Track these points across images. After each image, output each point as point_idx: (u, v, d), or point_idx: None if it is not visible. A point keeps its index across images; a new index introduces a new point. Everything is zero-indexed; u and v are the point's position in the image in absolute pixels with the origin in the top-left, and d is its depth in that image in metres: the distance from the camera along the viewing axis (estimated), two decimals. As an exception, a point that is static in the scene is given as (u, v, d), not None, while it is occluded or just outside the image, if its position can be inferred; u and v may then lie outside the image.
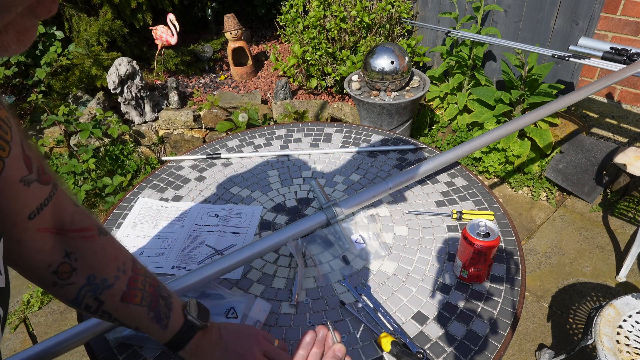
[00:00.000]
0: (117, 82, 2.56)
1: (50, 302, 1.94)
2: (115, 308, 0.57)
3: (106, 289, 0.56)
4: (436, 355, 0.70)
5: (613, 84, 1.68)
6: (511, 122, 1.14)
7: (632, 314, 1.20)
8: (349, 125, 1.35)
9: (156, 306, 0.60)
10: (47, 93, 2.88)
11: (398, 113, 2.31)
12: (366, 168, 1.16)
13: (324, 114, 2.76)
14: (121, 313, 0.58)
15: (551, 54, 1.87)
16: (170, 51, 3.12)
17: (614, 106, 2.43)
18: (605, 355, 1.10)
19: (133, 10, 2.96)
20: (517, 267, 0.85)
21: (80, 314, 0.79)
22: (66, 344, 0.67)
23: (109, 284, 0.56)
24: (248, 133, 1.35)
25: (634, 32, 2.20)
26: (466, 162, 2.58)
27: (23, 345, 1.77)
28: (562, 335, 1.68)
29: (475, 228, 0.78)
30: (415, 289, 0.82)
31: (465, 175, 1.10)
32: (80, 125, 2.49)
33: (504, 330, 0.74)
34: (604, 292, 1.83)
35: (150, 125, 2.77)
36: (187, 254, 0.91)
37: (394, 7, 2.78)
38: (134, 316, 0.59)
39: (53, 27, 2.92)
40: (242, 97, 2.83)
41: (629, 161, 2.15)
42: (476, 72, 2.63)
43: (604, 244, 2.05)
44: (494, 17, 2.70)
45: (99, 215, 2.33)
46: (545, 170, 2.39)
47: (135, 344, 0.73)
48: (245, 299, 0.78)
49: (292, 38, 2.93)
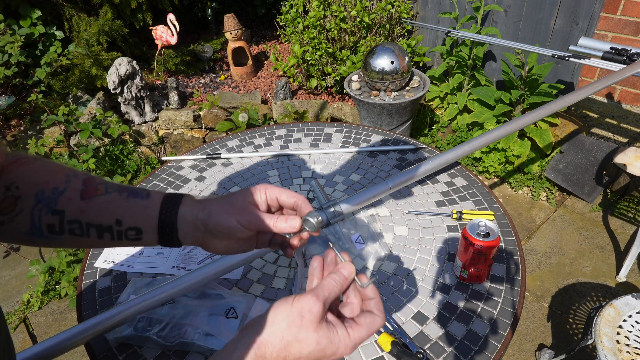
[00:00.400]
0: (117, 82, 2.56)
1: (50, 302, 1.95)
2: (80, 210, 0.50)
3: (59, 195, 0.50)
4: (436, 355, 0.70)
5: (613, 84, 1.68)
6: (511, 122, 1.14)
7: (632, 314, 1.20)
8: (349, 125, 1.35)
9: (127, 187, 0.53)
10: (47, 93, 2.88)
11: (398, 113, 2.31)
12: (366, 168, 1.16)
13: (324, 114, 2.76)
14: (90, 212, 0.51)
15: (551, 54, 1.87)
16: (170, 51, 3.12)
17: (614, 106, 2.43)
18: (605, 355, 1.10)
19: (133, 10, 2.96)
20: (517, 267, 0.85)
21: (80, 314, 0.79)
22: (66, 344, 0.67)
23: (60, 190, 0.50)
24: (248, 133, 1.35)
25: (634, 32, 2.20)
26: (466, 162, 2.58)
27: (23, 345, 1.77)
28: (562, 335, 1.68)
29: (475, 228, 0.78)
30: (415, 289, 0.82)
31: (465, 175, 1.10)
32: (80, 125, 2.49)
33: (504, 330, 0.74)
34: (604, 292, 1.83)
35: (150, 125, 2.77)
36: (187, 254, 0.91)
37: (394, 7, 2.78)
38: (107, 207, 0.52)
39: (53, 27, 2.92)
40: (242, 97, 2.83)
41: (629, 161, 2.15)
42: (476, 72, 2.63)
43: (604, 244, 2.05)
44: (494, 17, 2.71)
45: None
46: (545, 170, 2.39)
47: (135, 344, 0.73)
48: (245, 299, 0.77)
49: (292, 38, 2.93)
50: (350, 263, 0.51)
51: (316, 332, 0.45)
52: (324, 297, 0.46)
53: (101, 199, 0.51)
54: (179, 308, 0.74)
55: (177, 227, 0.53)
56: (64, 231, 0.50)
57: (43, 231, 0.50)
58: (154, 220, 0.53)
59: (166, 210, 0.53)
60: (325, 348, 0.45)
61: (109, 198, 0.52)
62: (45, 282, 1.93)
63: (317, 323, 0.45)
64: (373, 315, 0.48)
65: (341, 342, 0.46)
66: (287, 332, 0.45)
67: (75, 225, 0.51)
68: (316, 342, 0.45)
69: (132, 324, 0.72)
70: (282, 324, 0.45)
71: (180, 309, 0.74)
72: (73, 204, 0.50)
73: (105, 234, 0.53)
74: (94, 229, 0.51)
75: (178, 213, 0.53)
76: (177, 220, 0.53)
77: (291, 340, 0.44)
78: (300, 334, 0.44)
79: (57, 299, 1.95)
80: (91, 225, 0.51)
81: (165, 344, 0.71)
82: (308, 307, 0.45)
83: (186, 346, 0.71)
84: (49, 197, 0.49)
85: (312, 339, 0.45)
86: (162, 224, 0.53)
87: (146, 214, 0.53)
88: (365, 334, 0.47)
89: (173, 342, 0.70)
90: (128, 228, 0.53)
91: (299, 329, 0.45)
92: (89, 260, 0.91)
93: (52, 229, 0.50)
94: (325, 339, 0.45)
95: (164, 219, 0.53)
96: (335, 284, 0.48)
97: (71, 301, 1.90)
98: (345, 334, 0.46)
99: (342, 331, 0.46)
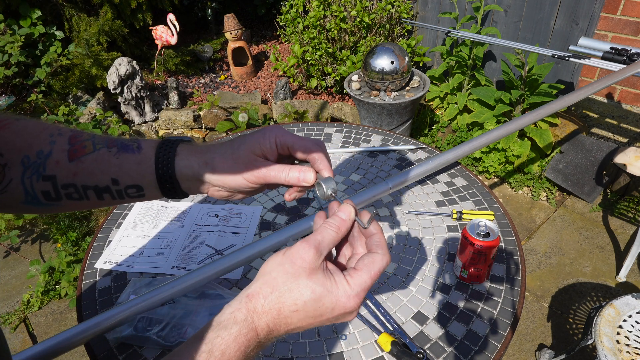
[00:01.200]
0: (117, 82, 2.56)
1: (50, 302, 1.95)
2: (71, 172, 0.47)
3: (46, 159, 0.46)
4: (436, 355, 0.70)
5: (613, 84, 1.68)
6: (511, 122, 1.14)
7: (632, 314, 1.20)
8: (349, 125, 1.35)
9: (115, 140, 0.49)
10: (47, 93, 2.88)
11: (398, 113, 2.31)
12: (366, 168, 1.16)
13: (324, 114, 2.76)
14: (82, 175, 0.47)
15: (551, 54, 1.87)
16: (170, 51, 3.12)
17: (614, 106, 2.43)
18: (605, 355, 1.10)
19: (133, 10, 2.96)
20: (517, 267, 0.85)
21: (80, 314, 0.79)
22: (66, 344, 0.67)
23: (46, 154, 0.46)
24: (248, 133, 1.35)
25: (634, 32, 2.20)
26: (466, 162, 2.58)
27: (23, 345, 1.77)
28: (562, 335, 1.68)
29: (475, 228, 0.78)
30: (415, 289, 0.82)
31: (465, 175, 1.10)
32: (80, 126, 2.49)
33: (504, 330, 0.74)
34: (604, 292, 1.83)
35: (150, 125, 2.77)
36: (187, 254, 0.91)
37: (394, 7, 2.78)
38: (99, 167, 0.48)
39: (53, 27, 2.92)
40: (242, 97, 2.83)
41: (629, 161, 2.15)
42: (476, 72, 2.63)
43: (604, 244, 2.05)
44: (494, 17, 2.70)
45: (98, 215, 2.33)
46: (545, 170, 2.39)
47: (135, 344, 0.73)
48: (245, 299, 0.77)
49: (292, 38, 2.93)
50: (348, 204, 0.46)
51: (309, 279, 0.41)
52: (316, 242, 0.42)
53: (90, 158, 0.47)
54: (179, 308, 0.74)
55: (177, 181, 0.49)
56: (60, 197, 0.47)
57: (39, 199, 0.47)
58: (152, 176, 0.49)
59: (162, 164, 0.49)
60: (323, 298, 0.41)
61: (98, 156, 0.48)
62: (45, 282, 1.93)
63: (310, 270, 0.41)
64: (373, 254, 0.44)
65: (340, 292, 0.41)
66: (279, 280, 0.41)
67: (70, 189, 0.47)
68: (311, 290, 0.40)
69: (132, 324, 0.72)
70: (272, 274, 0.42)
71: (180, 309, 0.74)
72: (62, 167, 0.47)
73: (105, 195, 0.49)
74: (91, 191, 0.48)
75: (175, 167, 0.49)
76: (176, 174, 0.49)
77: (283, 289, 0.41)
78: (293, 282, 0.41)
79: (57, 299, 1.95)
80: (87, 187, 0.48)
81: (165, 344, 0.71)
82: (299, 254, 0.41)
83: (186, 346, 0.71)
84: (35, 162, 0.46)
85: (306, 286, 0.40)
86: (160, 179, 0.49)
87: (142, 170, 0.49)
88: (367, 277, 0.42)
89: (173, 342, 0.70)
90: (127, 186, 0.49)
91: (291, 277, 0.41)
92: (89, 260, 0.91)
93: (47, 195, 0.47)
94: (321, 286, 0.41)
95: (161, 174, 0.49)
96: (329, 227, 0.44)
97: (71, 301, 1.90)
98: (344, 282, 0.42)
99: (340, 279, 0.42)
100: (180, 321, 0.72)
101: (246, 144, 0.50)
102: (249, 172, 0.49)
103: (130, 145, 0.49)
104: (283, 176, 0.49)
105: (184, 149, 0.50)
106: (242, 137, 0.51)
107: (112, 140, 0.49)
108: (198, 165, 0.49)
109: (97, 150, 0.48)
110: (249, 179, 0.49)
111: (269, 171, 0.49)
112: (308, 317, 0.41)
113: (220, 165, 0.49)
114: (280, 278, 0.41)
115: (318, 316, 0.41)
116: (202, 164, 0.49)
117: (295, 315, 0.41)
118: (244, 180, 0.49)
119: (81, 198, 0.48)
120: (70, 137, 0.48)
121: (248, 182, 0.49)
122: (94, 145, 0.48)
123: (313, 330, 0.63)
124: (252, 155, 0.49)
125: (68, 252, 1.99)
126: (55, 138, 0.47)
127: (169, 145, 0.50)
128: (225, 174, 0.49)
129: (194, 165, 0.49)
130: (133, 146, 0.49)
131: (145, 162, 0.49)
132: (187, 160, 0.49)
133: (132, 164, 0.48)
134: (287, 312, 0.41)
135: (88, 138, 0.49)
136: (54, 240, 2.21)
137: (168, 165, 0.48)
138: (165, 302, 0.73)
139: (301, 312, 0.41)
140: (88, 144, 0.48)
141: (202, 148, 0.51)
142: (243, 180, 0.49)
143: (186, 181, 0.50)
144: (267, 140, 0.50)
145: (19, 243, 2.28)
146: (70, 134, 0.48)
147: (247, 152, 0.49)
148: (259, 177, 0.49)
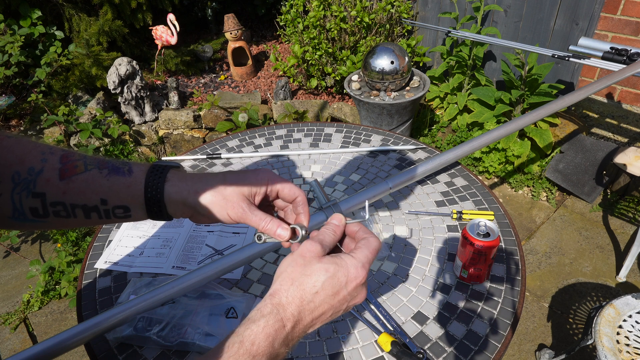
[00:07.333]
0: (117, 82, 2.56)
1: (50, 302, 1.95)
2: (61, 191, 0.48)
3: (37, 176, 0.47)
4: (436, 355, 0.70)
5: (613, 84, 1.68)
6: (511, 122, 1.14)
7: (632, 314, 1.20)
8: (349, 125, 1.35)
9: (107, 162, 0.51)
10: (47, 93, 2.88)
11: (398, 113, 2.31)
12: (366, 168, 1.16)
13: (324, 114, 2.76)
14: (72, 193, 0.49)
15: (551, 54, 1.87)
16: (170, 51, 3.12)
17: (614, 106, 2.43)
18: (605, 355, 1.10)
19: (133, 10, 2.96)
20: (517, 267, 0.85)
21: (80, 314, 0.79)
22: (66, 344, 0.67)
23: (37, 171, 0.47)
24: (248, 133, 1.35)
25: (634, 32, 2.20)
26: (466, 162, 2.58)
27: (23, 345, 1.77)
28: (562, 335, 1.68)
29: (475, 228, 0.78)
30: (415, 289, 0.82)
31: (465, 175, 1.10)
32: (80, 126, 2.49)
33: (504, 330, 0.74)
34: (604, 292, 1.83)
35: (150, 125, 2.77)
36: (187, 254, 0.91)
37: (394, 7, 2.78)
38: (89, 187, 0.49)
39: (53, 27, 2.92)
40: (242, 97, 2.83)
41: (629, 161, 2.15)
42: (476, 72, 2.63)
43: (604, 244, 2.05)
44: (494, 17, 2.70)
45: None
46: (545, 170, 2.39)
47: (135, 344, 0.73)
48: (245, 299, 0.77)
49: (292, 38, 2.93)
50: (338, 214, 0.55)
51: (320, 262, 0.47)
52: (320, 239, 0.50)
53: (81, 178, 0.49)
54: (179, 308, 0.74)
55: (165, 204, 0.52)
56: (48, 214, 0.48)
57: (27, 215, 0.48)
58: (140, 198, 0.51)
59: (151, 188, 0.51)
60: (336, 273, 0.47)
61: (89, 177, 0.49)
62: (45, 282, 1.93)
63: (319, 256, 0.48)
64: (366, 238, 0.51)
65: (349, 264, 0.48)
66: (294, 273, 0.47)
67: (59, 207, 0.49)
68: (324, 269, 0.46)
69: (132, 324, 0.72)
70: (287, 270, 0.47)
71: (180, 309, 0.74)
72: (53, 185, 0.48)
73: (93, 214, 0.51)
74: (79, 209, 0.50)
75: (164, 192, 0.52)
76: (164, 199, 0.52)
77: (301, 278, 0.46)
78: (307, 269, 0.47)
79: (57, 299, 1.95)
80: (76, 206, 0.49)
81: (165, 344, 0.71)
82: (307, 248, 0.48)
83: (186, 346, 0.71)
84: (25, 179, 0.47)
85: (320, 268, 0.47)
86: (148, 202, 0.52)
87: (131, 192, 0.51)
88: (368, 252, 0.49)
89: (173, 342, 0.70)
90: (115, 207, 0.51)
91: (304, 266, 0.47)
92: (89, 260, 0.91)
93: (35, 212, 0.48)
94: (332, 264, 0.47)
95: (150, 197, 0.51)
96: (327, 230, 0.52)
97: (71, 301, 1.90)
98: (350, 257, 0.48)
99: (346, 256, 0.49)
100: (180, 321, 0.72)
101: (238, 184, 0.54)
102: (233, 211, 0.53)
103: (121, 168, 0.51)
104: (262, 225, 0.54)
105: (174, 176, 0.53)
106: (236, 175, 0.55)
107: (103, 162, 0.51)
108: (188, 192, 0.52)
109: (88, 171, 0.50)
110: (232, 216, 0.53)
111: (252, 216, 0.53)
112: (328, 298, 0.46)
113: (210, 199, 0.53)
114: (296, 271, 0.47)
115: (335, 294, 0.47)
116: (192, 192, 0.53)
117: (317, 297, 0.46)
118: (227, 216, 0.53)
119: (68, 216, 0.50)
120: (62, 156, 0.50)
121: (230, 219, 0.54)
122: (85, 165, 0.50)
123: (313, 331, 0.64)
124: (242, 195, 0.54)
125: (68, 252, 1.99)
126: (47, 156, 0.49)
127: (160, 170, 0.53)
128: (213, 207, 0.53)
129: (184, 192, 0.52)
130: (124, 169, 0.51)
131: (135, 186, 0.51)
132: (177, 187, 0.52)
133: (122, 187, 0.51)
134: (309, 296, 0.46)
135: (79, 158, 0.51)
136: (54, 240, 2.21)
137: (157, 190, 0.51)
138: (165, 302, 0.73)
139: (321, 292, 0.46)
140: (79, 164, 0.50)
141: (194, 177, 0.54)
142: (227, 216, 0.53)
143: (173, 206, 0.53)
144: (258, 186, 0.55)
145: (19, 243, 2.28)
146: (62, 153, 0.50)
147: (237, 192, 0.54)
148: (241, 218, 0.53)
